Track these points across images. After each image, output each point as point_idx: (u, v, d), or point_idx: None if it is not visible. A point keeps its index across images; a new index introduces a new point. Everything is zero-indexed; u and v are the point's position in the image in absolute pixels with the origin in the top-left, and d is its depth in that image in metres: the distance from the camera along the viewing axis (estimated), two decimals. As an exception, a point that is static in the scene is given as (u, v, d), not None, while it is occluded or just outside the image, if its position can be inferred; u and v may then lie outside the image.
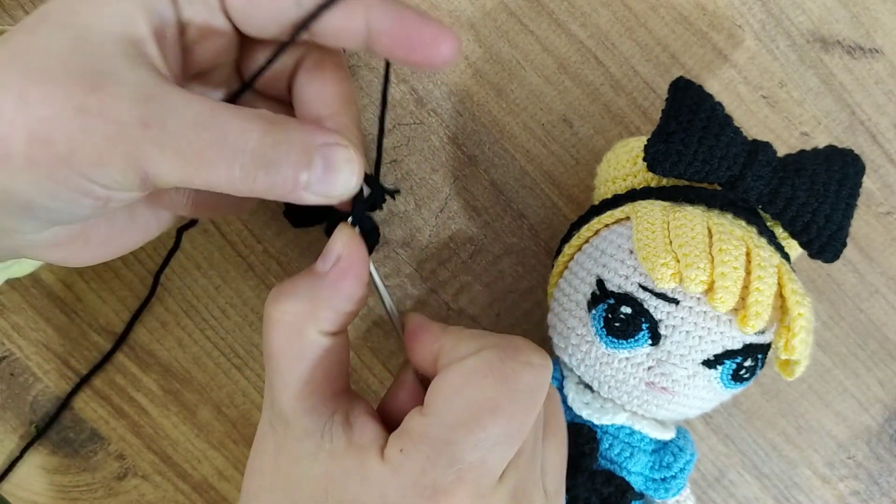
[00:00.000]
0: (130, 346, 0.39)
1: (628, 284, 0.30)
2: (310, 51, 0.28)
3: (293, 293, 0.26)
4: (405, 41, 0.25)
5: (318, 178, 0.24)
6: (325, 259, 0.27)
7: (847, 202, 0.32)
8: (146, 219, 0.29)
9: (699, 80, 0.38)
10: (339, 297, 0.26)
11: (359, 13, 0.25)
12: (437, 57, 0.25)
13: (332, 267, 0.26)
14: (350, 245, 0.27)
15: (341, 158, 0.25)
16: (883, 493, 0.41)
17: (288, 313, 0.26)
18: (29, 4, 0.37)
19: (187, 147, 0.23)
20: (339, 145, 0.25)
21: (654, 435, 0.33)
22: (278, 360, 0.26)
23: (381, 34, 0.25)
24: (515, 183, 0.39)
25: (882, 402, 0.41)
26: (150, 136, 0.22)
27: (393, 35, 0.25)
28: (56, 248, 0.27)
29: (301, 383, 0.26)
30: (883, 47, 0.39)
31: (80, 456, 0.39)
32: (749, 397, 0.40)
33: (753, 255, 0.29)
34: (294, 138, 0.24)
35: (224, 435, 0.39)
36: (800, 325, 0.28)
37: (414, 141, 0.38)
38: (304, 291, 0.26)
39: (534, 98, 0.39)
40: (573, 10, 0.38)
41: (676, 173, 0.31)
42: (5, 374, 0.38)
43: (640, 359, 0.30)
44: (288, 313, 0.26)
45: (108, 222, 0.28)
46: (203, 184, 0.23)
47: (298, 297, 0.26)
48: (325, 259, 0.27)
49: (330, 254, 0.27)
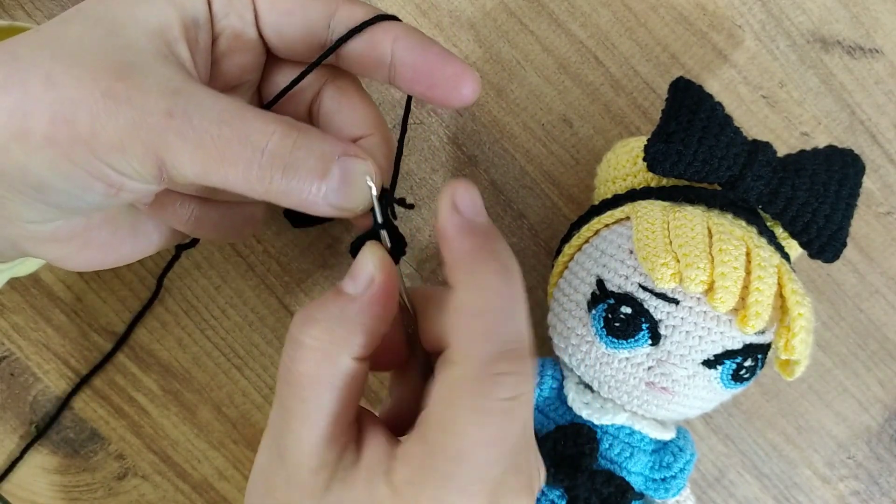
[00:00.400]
0: (130, 347, 0.39)
1: (628, 284, 0.30)
2: (332, 77, 0.28)
3: (324, 318, 0.24)
4: (427, 77, 0.26)
5: (334, 189, 0.24)
6: (355, 280, 0.25)
7: (847, 202, 0.32)
8: (148, 231, 0.29)
9: (699, 80, 0.38)
10: (374, 321, 0.25)
11: (385, 43, 0.26)
12: (456, 97, 0.25)
13: (365, 289, 0.25)
14: (384, 265, 0.25)
15: (359, 171, 0.24)
16: (883, 493, 0.41)
17: (320, 339, 0.24)
18: (29, 4, 0.37)
19: (209, 141, 0.23)
20: (359, 158, 0.24)
21: (654, 435, 0.33)
22: (306, 388, 0.24)
23: (404, 66, 0.26)
24: (515, 183, 0.39)
25: (882, 402, 0.41)
26: (174, 127, 0.23)
27: (415, 69, 0.26)
28: (55, 245, 0.27)
29: (327, 413, 0.24)
30: (883, 47, 0.39)
31: (81, 456, 0.39)
32: (749, 397, 0.40)
33: (753, 255, 0.29)
34: (314, 145, 0.24)
35: (224, 435, 0.39)
36: (800, 325, 0.28)
37: (414, 141, 0.38)
38: (337, 316, 0.24)
39: (534, 98, 0.39)
40: (573, 10, 0.38)
41: (676, 173, 0.31)
42: (5, 374, 0.38)
43: (640, 359, 0.30)
44: (320, 339, 0.24)
45: (110, 227, 0.28)
46: (220, 180, 0.23)
47: (331, 322, 0.24)
48: (356, 280, 0.25)
49: (362, 274, 0.25)
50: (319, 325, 0.24)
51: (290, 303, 0.39)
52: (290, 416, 0.24)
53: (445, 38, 0.38)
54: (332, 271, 0.39)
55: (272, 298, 0.39)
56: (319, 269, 0.39)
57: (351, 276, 0.25)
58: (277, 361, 0.39)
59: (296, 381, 0.24)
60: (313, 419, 0.24)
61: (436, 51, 0.26)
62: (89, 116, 0.22)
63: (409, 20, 0.38)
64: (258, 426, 0.39)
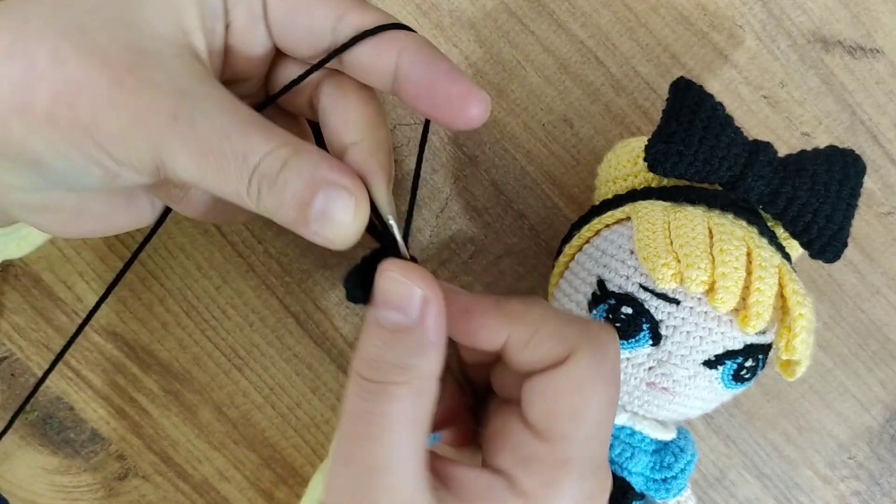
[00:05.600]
0: (131, 347, 0.39)
1: (629, 285, 0.30)
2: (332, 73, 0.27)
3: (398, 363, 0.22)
4: (431, 95, 0.24)
5: (316, 219, 0.23)
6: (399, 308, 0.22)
7: (848, 202, 0.32)
8: (143, 204, 0.29)
9: (700, 80, 0.38)
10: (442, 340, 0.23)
11: (391, 54, 0.24)
12: (461, 119, 0.24)
13: (421, 314, 0.22)
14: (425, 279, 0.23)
15: (339, 206, 0.23)
16: (884, 494, 0.41)
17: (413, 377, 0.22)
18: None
19: (209, 151, 0.22)
20: (345, 190, 0.23)
21: (654, 435, 0.33)
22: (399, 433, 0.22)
23: (408, 81, 0.24)
24: (516, 183, 0.39)
25: (883, 402, 0.41)
26: (177, 130, 0.22)
27: (420, 85, 0.24)
28: (46, 213, 0.26)
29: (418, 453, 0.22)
30: (883, 47, 0.39)
31: (81, 456, 0.39)
32: (750, 398, 0.40)
33: (754, 255, 0.29)
34: (303, 169, 0.23)
35: (224, 435, 0.39)
36: (801, 325, 0.28)
37: (415, 141, 0.38)
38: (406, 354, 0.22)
39: (534, 98, 0.39)
40: (574, 10, 0.38)
41: (677, 173, 0.31)
42: (6, 375, 0.38)
43: (640, 359, 0.30)
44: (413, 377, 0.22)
45: (105, 199, 0.27)
46: (214, 189, 0.23)
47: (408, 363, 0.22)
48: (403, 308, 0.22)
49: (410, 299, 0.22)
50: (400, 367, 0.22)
51: (290, 303, 0.39)
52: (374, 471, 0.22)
53: (446, 39, 0.38)
54: (332, 272, 0.39)
55: (273, 299, 0.39)
56: (320, 270, 0.39)
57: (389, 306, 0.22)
58: (278, 362, 0.39)
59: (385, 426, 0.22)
60: (408, 463, 0.22)
61: (444, 67, 0.24)
62: (92, 103, 0.22)
63: (410, 21, 0.38)
64: (259, 426, 0.39)
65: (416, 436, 0.22)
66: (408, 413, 0.22)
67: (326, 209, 0.23)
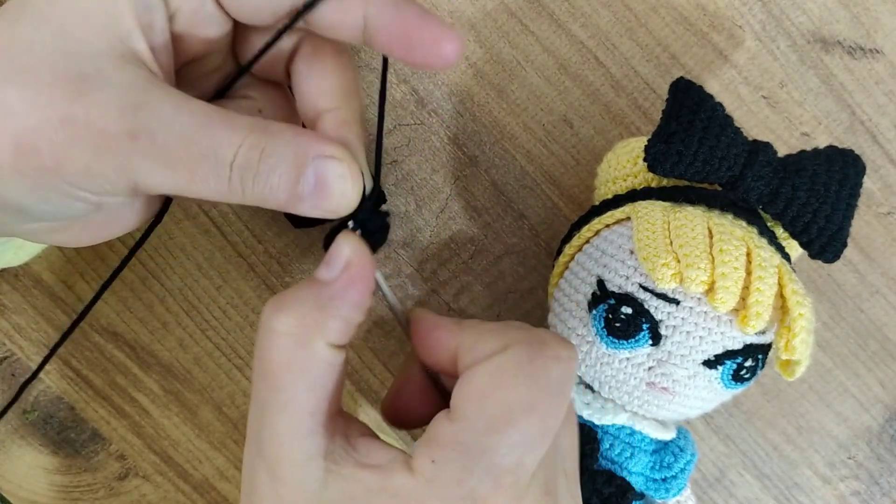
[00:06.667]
0: (132, 347, 0.39)
1: (629, 285, 0.30)
2: (308, 35, 0.27)
3: (297, 303, 0.23)
4: (404, 39, 0.24)
5: (311, 193, 0.23)
6: (330, 266, 0.24)
7: (847, 202, 0.32)
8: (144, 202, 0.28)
9: (699, 80, 0.38)
10: (348, 305, 0.24)
11: (356, 6, 0.24)
12: (437, 58, 0.24)
13: (340, 273, 0.24)
14: (359, 250, 0.24)
15: (334, 174, 0.23)
16: (884, 494, 0.41)
17: (292, 324, 0.23)
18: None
19: (177, 160, 0.22)
20: (333, 159, 0.23)
21: (654, 435, 0.33)
22: (279, 375, 0.23)
23: (378, 30, 0.24)
24: (516, 183, 0.39)
25: (883, 402, 0.41)
26: (139, 149, 0.22)
27: (391, 32, 0.24)
28: (55, 233, 0.27)
29: (302, 402, 0.23)
30: (883, 48, 0.39)
31: (82, 456, 0.39)
32: (750, 397, 0.40)
33: (754, 255, 0.29)
34: (284, 151, 0.23)
35: (225, 435, 0.39)
36: (800, 325, 0.28)
37: (414, 141, 0.38)
38: (310, 300, 0.24)
39: (534, 98, 0.39)
40: (574, 10, 0.38)
41: (677, 174, 0.31)
42: (6, 375, 0.38)
43: (640, 359, 0.30)
44: (292, 324, 0.23)
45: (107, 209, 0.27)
46: (195, 194, 0.23)
47: (304, 307, 0.23)
48: (331, 266, 0.24)
49: (337, 260, 0.24)
50: (291, 310, 0.23)
51: (290, 303, 0.39)
52: (266, 408, 0.23)
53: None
54: (332, 272, 0.39)
55: (273, 299, 0.39)
56: (320, 270, 0.39)
57: (325, 263, 0.24)
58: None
59: (268, 370, 0.23)
60: (289, 409, 0.23)
61: (412, 11, 0.24)
62: (51, 146, 0.22)
63: (410, 21, 0.38)
64: (259, 426, 0.39)
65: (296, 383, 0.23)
66: (285, 360, 0.23)
67: (321, 182, 0.23)
